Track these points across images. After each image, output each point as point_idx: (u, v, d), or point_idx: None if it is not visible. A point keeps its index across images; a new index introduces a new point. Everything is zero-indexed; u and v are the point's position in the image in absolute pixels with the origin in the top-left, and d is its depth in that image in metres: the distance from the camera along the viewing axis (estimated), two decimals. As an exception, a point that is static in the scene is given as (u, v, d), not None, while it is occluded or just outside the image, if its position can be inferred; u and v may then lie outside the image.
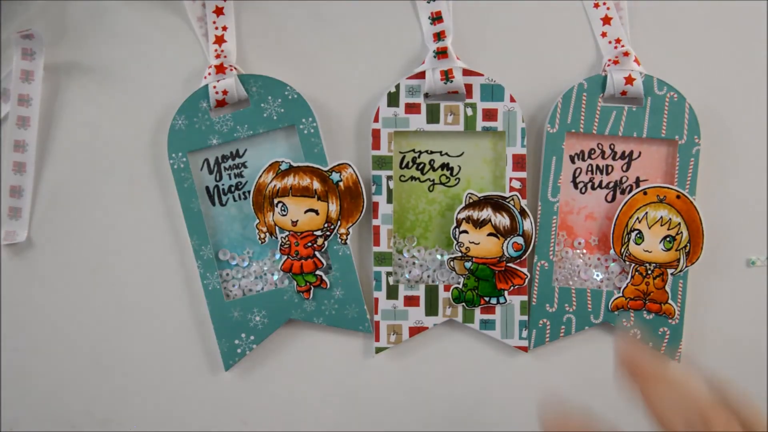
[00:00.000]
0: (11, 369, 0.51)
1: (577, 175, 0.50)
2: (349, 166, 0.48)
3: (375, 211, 0.49)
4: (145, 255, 0.51)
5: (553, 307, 0.49)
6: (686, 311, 0.49)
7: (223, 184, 0.50)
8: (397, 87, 0.49)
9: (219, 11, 0.50)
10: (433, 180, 0.50)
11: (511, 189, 0.48)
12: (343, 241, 0.49)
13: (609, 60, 0.49)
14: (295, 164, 0.48)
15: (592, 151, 0.49)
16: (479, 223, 0.48)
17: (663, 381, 0.34)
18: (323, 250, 0.49)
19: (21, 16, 0.52)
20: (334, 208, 0.48)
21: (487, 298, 0.49)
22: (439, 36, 0.49)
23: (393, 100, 0.49)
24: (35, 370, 0.51)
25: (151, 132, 0.51)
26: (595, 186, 0.50)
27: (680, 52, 0.51)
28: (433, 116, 0.49)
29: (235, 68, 0.49)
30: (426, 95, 0.49)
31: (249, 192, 0.49)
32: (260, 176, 0.48)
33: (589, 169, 0.50)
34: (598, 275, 0.50)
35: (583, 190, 0.50)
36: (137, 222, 0.51)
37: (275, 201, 0.48)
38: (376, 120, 0.49)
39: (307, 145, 0.49)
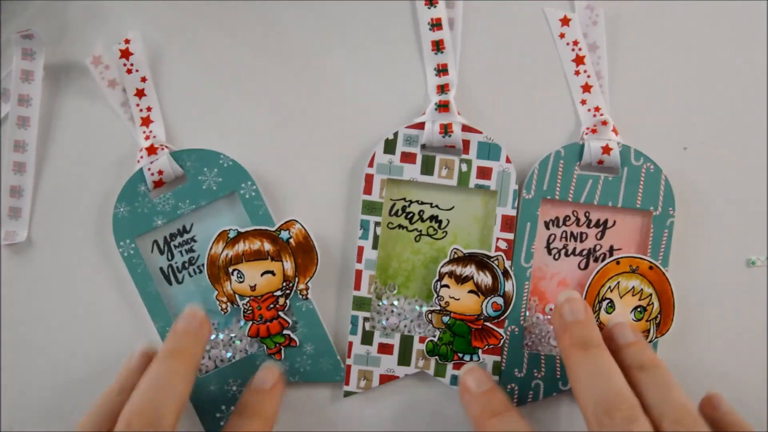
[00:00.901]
0: (11, 369, 0.50)
1: (551, 241, 0.50)
2: (296, 222, 0.48)
3: (359, 256, 0.48)
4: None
5: (521, 372, 0.49)
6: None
7: (176, 262, 0.50)
8: (396, 135, 0.48)
9: (140, 93, 0.50)
10: (421, 231, 0.50)
11: (497, 249, 0.48)
12: (304, 297, 0.48)
13: (587, 128, 0.50)
14: (242, 230, 0.48)
15: (567, 218, 0.50)
16: (461, 279, 0.48)
17: None
18: (286, 309, 0.48)
19: (21, 16, 0.51)
20: (289, 266, 0.48)
21: (460, 355, 0.48)
22: (442, 89, 0.49)
23: (389, 147, 0.48)
24: (35, 370, 0.50)
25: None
26: (569, 253, 0.50)
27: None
28: (427, 168, 0.49)
29: (166, 146, 0.49)
30: (423, 146, 0.49)
31: (203, 265, 0.48)
32: (211, 248, 0.48)
33: (564, 235, 0.50)
34: (567, 342, 0.50)
35: (557, 257, 0.50)
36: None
37: (230, 269, 0.48)
38: (370, 165, 0.48)
39: (251, 209, 0.48)
